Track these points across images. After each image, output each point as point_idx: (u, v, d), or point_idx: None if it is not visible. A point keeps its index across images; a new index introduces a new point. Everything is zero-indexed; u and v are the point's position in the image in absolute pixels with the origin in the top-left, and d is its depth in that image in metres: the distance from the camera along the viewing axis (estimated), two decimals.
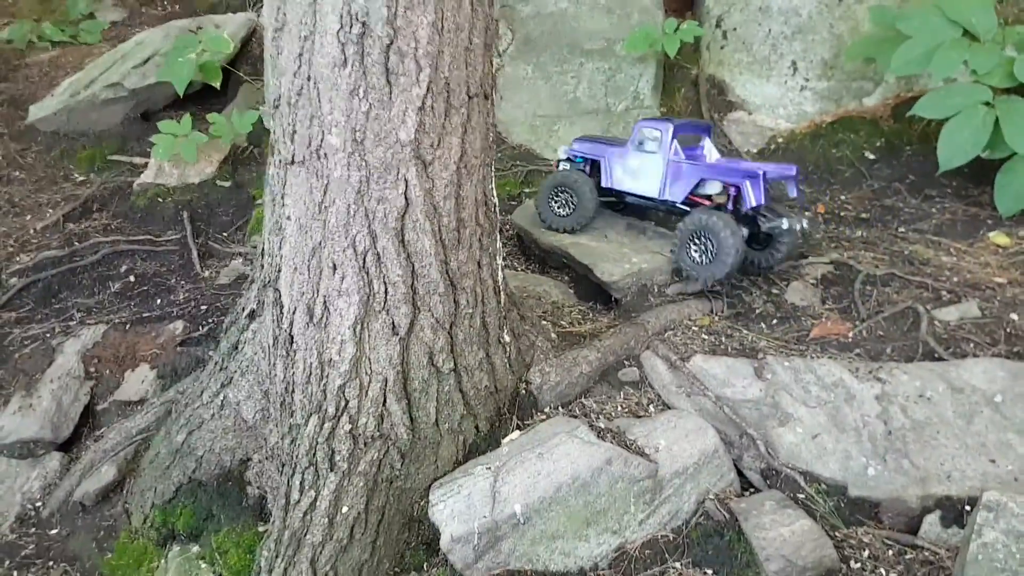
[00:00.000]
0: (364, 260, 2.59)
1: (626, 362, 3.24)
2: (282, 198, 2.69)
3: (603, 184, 4.18)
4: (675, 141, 3.93)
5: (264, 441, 2.94)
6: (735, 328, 3.52)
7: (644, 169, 4.00)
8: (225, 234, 4.90)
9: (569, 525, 2.62)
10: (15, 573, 3.07)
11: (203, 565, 2.88)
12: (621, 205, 4.42)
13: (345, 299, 2.63)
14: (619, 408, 3.04)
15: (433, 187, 2.59)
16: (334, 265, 2.61)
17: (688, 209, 3.89)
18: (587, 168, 4.30)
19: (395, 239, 2.58)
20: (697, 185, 3.87)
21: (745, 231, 3.75)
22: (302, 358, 2.72)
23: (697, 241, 3.66)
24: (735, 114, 5.54)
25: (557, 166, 4.43)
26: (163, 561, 2.96)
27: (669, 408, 3.06)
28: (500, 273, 2.98)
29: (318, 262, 2.64)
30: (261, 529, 2.90)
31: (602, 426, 2.87)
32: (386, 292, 2.63)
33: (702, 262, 3.64)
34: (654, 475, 2.70)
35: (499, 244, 2.99)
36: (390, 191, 2.54)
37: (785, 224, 3.74)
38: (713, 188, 3.87)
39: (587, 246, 3.89)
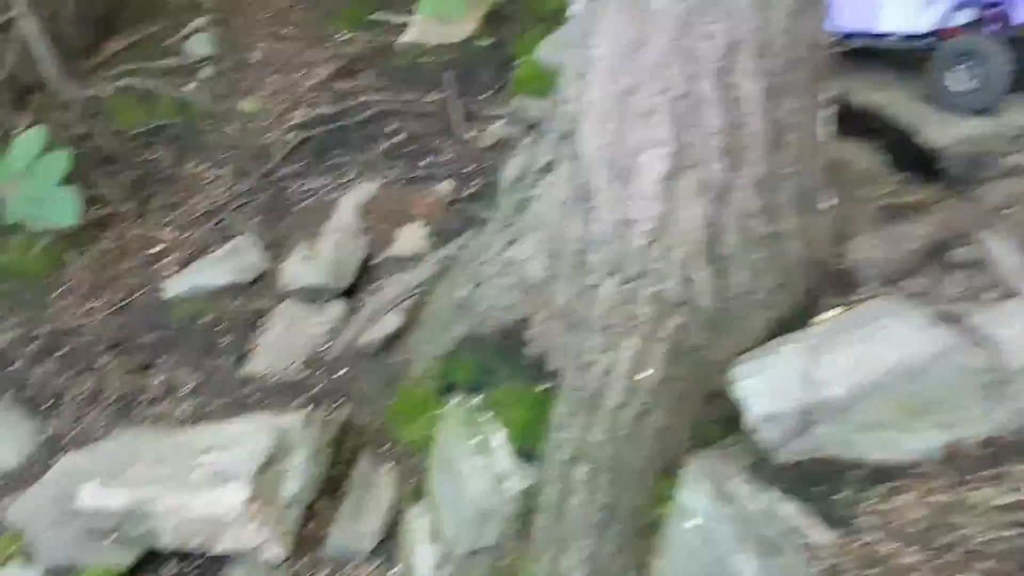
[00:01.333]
0: (679, 107, 2.32)
1: (959, 241, 2.80)
2: (590, 36, 2.44)
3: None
4: None
5: (549, 301, 2.83)
6: None
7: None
8: (485, 96, 4.78)
9: (893, 415, 2.31)
10: (309, 407, 3.24)
11: (485, 416, 2.88)
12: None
13: (653, 152, 2.38)
14: (952, 292, 2.65)
15: (767, 19, 2.24)
16: (644, 113, 2.36)
17: (933, 46, 3.32)
18: None
19: (717, 83, 2.28)
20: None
21: None
22: (601, 216, 2.54)
23: (960, 67, 3.18)
24: None
25: None
26: (444, 409, 3.00)
27: (1014, 295, 2.62)
28: (824, 129, 2.61)
29: (626, 110, 2.39)
30: (539, 389, 2.83)
31: (935, 310, 2.49)
32: (701, 144, 2.35)
33: (968, 91, 3.17)
34: (998, 369, 2.32)
35: (824, 95, 2.61)
36: (716, 25, 2.22)
37: None
38: (964, 18, 3.27)
39: (907, 106, 3.37)
